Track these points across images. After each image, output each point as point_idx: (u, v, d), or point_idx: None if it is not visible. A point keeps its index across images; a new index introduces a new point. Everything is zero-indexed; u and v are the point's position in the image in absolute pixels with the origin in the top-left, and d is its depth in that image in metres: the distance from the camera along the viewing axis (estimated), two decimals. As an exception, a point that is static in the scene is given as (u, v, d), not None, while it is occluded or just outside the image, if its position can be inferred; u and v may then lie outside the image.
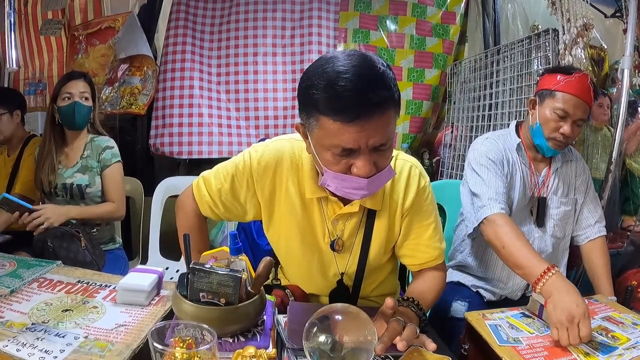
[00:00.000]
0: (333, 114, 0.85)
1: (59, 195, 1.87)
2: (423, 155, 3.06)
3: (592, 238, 1.54)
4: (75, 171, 1.89)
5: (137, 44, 2.67)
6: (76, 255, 1.66)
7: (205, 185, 1.18)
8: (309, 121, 0.92)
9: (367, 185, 0.93)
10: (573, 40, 1.75)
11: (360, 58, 0.88)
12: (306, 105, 0.91)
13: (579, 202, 1.57)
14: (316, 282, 1.21)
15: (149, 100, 2.68)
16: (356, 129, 0.85)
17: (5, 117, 2.06)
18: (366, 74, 0.85)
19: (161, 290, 1.13)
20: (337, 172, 0.94)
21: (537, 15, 2.99)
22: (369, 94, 0.84)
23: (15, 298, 1.04)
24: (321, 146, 0.93)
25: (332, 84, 0.84)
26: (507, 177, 1.48)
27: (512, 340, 1.01)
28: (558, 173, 1.55)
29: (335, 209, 1.11)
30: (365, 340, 0.82)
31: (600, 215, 1.57)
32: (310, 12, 2.85)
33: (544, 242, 1.52)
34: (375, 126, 0.86)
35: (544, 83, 1.50)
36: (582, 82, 1.42)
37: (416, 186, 1.14)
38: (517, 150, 1.53)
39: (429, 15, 2.91)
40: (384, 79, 0.87)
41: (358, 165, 0.91)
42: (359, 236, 1.15)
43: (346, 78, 0.83)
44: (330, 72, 0.85)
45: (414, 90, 2.89)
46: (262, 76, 2.79)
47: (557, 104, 1.43)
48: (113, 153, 1.94)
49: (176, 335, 0.78)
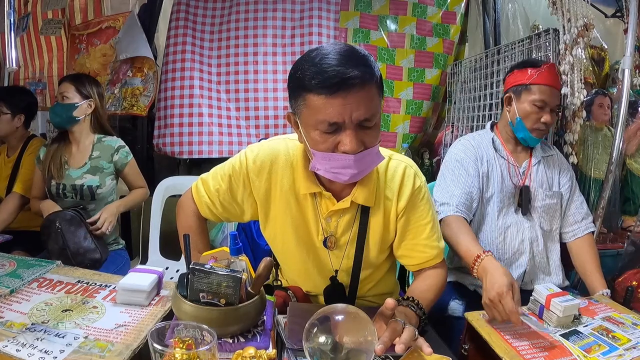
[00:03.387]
0: (317, 89, 0.91)
1: (68, 196, 1.86)
2: (423, 155, 3.06)
3: (579, 236, 1.58)
4: (84, 172, 1.88)
5: (138, 45, 2.67)
6: (81, 240, 1.71)
7: (203, 186, 1.20)
8: (298, 104, 0.97)
9: (355, 163, 0.96)
10: (573, 40, 1.74)
11: (344, 45, 0.97)
12: (294, 89, 0.97)
13: (565, 197, 1.60)
14: (313, 280, 1.21)
15: (150, 101, 2.68)
16: (339, 101, 0.90)
17: (5, 118, 2.05)
18: (347, 54, 0.92)
19: (161, 291, 1.13)
20: (325, 150, 0.96)
21: (537, 15, 2.98)
22: (350, 68, 0.90)
23: (15, 298, 1.04)
24: (309, 126, 0.96)
25: (316, 64, 0.92)
26: (480, 173, 1.53)
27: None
28: (540, 165, 1.60)
29: (329, 205, 1.12)
30: (365, 341, 0.82)
31: (586, 212, 1.61)
32: (310, 11, 2.85)
33: (534, 232, 1.55)
34: (358, 98, 0.91)
35: (516, 79, 1.57)
36: (551, 72, 1.52)
37: (411, 186, 1.15)
38: (492, 146, 1.59)
39: (430, 15, 2.91)
40: (365, 59, 0.94)
41: (344, 142, 0.94)
42: (352, 234, 1.15)
43: (329, 57, 0.91)
44: (315, 56, 0.93)
45: (414, 90, 2.89)
46: (263, 76, 2.78)
47: (535, 97, 1.51)
48: (126, 151, 1.98)
49: (176, 335, 0.78)
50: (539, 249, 1.54)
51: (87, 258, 1.70)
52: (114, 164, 1.93)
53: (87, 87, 1.91)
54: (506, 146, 1.61)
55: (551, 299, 1.11)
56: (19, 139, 2.13)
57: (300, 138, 1.03)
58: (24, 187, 1.98)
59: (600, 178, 2.10)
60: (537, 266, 1.54)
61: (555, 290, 1.15)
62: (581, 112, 1.81)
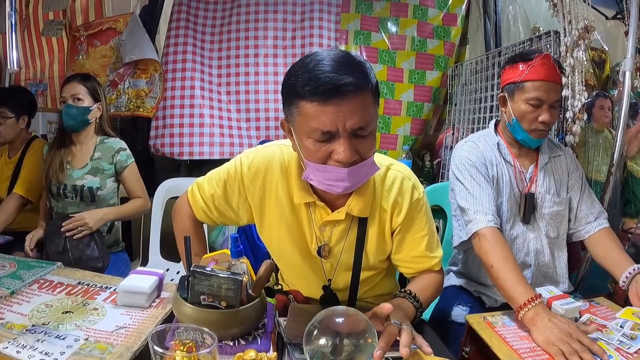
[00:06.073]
0: (310, 96, 0.88)
1: (68, 196, 1.86)
2: (424, 157, 3.06)
3: (592, 232, 1.47)
4: (85, 172, 1.87)
5: (143, 48, 2.67)
6: (85, 247, 1.70)
7: (199, 190, 1.19)
8: (291, 111, 0.94)
9: (348, 176, 0.93)
10: (574, 43, 1.74)
11: (340, 51, 0.93)
12: (288, 96, 0.94)
13: (574, 200, 1.50)
14: (311, 285, 1.20)
15: (157, 103, 2.68)
16: (333, 109, 0.87)
17: (10, 122, 2.05)
18: (342, 61, 0.90)
19: (162, 293, 1.13)
20: (319, 160, 0.94)
21: (538, 17, 2.99)
22: (344, 74, 0.87)
23: (15, 299, 1.04)
24: (302, 134, 0.94)
25: (309, 70, 0.89)
26: (493, 180, 1.44)
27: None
28: (546, 169, 1.49)
29: (323, 214, 1.10)
30: (366, 343, 0.82)
31: (599, 211, 1.50)
32: (311, 13, 2.85)
33: (540, 242, 1.46)
34: (352, 107, 0.88)
35: (509, 76, 1.44)
36: (546, 64, 1.37)
37: (409, 200, 1.11)
38: (498, 150, 1.49)
39: (430, 17, 2.91)
40: (360, 66, 0.91)
41: (338, 151, 0.91)
42: (347, 243, 1.13)
43: (323, 63, 0.89)
44: (309, 62, 0.91)
45: (415, 92, 2.89)
46: (263, 77, 2.79)
47: (529, 95, 1.38)
48: (127, 154, 1.94)
49: (176, 338, 0.78)
50: (545, 260, 1.46)
51: (89, 266, 1.66)
52: (114, 165, 1.92)
53: (97, 90, 1.90)
54: (511, 150, 1.50)
55: (552, 301, 1.11)
56: (20, 140, 2.13)
57: (294, 146, 1.01)
58: (25, 188, 1.97)
59: (601, 180, 2.10)
60: (543, 276, 1.47)
61: (556, 293, 1.15)
62: (582, 114, 1.81)
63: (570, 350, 0.95)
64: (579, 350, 0.95)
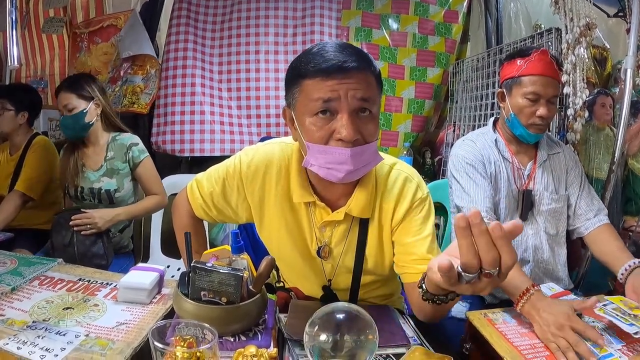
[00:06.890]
0: (313, 72, 0.90)
1: (86, 199, 1.86)
2: (425, 154, 3.05)
3: (592, 229, 1.47)
4: (101, 175, 1.86)
5: (141, 43, 2.67)
6: (91, 244, 1.69)
7: (198, 187, 1.18)
8: (293, 94, 0.95)
9: (351, 159, 0.91)
10: (576, 40, 1.74)
11: (344, 42, 0.96)
12: (290, 80, 0.96)
13: (573, 197, 1.51)
14: (311, 284, 1.19)
15: (151, 99, 2.68)
16: (335, 81, 0.89)
17: (8, 114, 2.05)
18: (347, 46, 0.93)
19: (162, 289, 1.13)
20: (320, 140, 0.92)
21: (539, 14, 2.98)
22: (348, 57, 0.89)
23: (16, 296, 1.04)
24: (303, 115, 0.93)
25: (314, 54, 0.92)
26: (491, 177, 1.44)
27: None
28: (545, 166, 1.50)
29: (323, 214, 1.09)
30: (367, 339, 0.82)
31: (598, 207, 1.50)
32: (312, 10, 2.85)
33: (538, 239, 1.47)
34: (355, 80, 0.89)
35: (506, 72, 1.47)
36: (543, 59, 1.39)
37: (410, 199, 1.07)
38: (496, 147, 1.50)
39: (432, 13, 2.90)
40: (365, 54, 0.94)
41: (340, 129, 0.90)
42: (347, 244, 1.11)
43: (327, 48, 0.92)
44: (313, 48, 0.94)
45: (416, 89, 2.88)
46: (264, 74, 2.79)
47: (526, 89, 1.40)
48: (139, 149, 1.91)
49: (177, 334, 0.78)
50: (544, 257, 1.47)
51: (93, 263, 1.66)
52: (128, 163, 1.89)
53: (86, 89, 1.84)
54: (509, 147, 1.52)
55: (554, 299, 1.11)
56: (22, 137, 2.13)
57: (295, 134, 0.99)
58: (26, 185, 1.97)
59: (602, 178, 2.10)
60: (542, 273, 1.48)
61: (557, 290, 1.15)
62: (583, 112, 1.80)
63: (565, 345, 0.96)
64: (573, 343, 0.95)
